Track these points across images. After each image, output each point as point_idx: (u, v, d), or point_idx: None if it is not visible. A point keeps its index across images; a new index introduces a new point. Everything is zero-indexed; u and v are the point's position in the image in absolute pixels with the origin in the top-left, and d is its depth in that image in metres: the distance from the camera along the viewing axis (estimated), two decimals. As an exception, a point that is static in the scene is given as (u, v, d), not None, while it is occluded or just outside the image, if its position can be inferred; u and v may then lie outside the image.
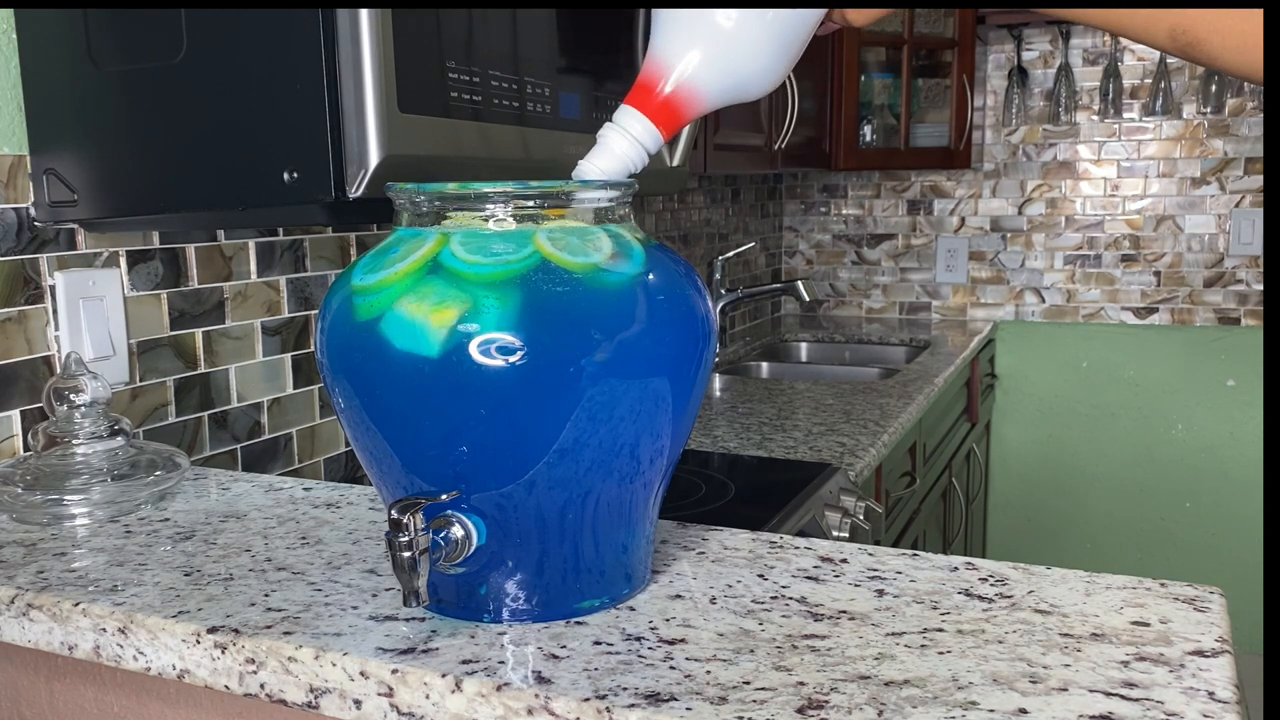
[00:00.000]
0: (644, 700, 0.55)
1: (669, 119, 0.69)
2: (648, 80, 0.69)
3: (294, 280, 1.33)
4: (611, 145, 0.69)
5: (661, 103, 0.69)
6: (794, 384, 2.17)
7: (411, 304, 0.59)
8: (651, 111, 0.69)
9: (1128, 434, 3.02)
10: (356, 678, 0.60)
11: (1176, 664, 0.58)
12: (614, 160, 0.69)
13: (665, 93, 0.68)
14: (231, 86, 0.88)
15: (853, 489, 1.48)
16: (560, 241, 0.61)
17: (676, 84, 0.68)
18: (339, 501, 0.91)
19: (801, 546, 0.77)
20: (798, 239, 3.33)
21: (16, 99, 1.01)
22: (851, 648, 0.61)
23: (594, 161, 0.69)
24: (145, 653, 0.67)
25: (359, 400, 0.62)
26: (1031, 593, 0.68)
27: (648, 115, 0.69)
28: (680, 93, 0.69)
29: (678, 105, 0.69)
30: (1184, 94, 2.88)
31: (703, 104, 0.70)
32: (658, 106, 0.69)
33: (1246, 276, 2.88)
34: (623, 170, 0.69)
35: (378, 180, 0.83)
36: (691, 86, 0.68)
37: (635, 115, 0.69)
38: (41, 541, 0.82)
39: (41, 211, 1.02)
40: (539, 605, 0.65)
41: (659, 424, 0.63)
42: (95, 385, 0.91)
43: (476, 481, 0.61)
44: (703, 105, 0.70)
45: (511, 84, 0.98)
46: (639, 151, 0.69)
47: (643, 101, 0.69)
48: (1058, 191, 3.02)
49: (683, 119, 0.70)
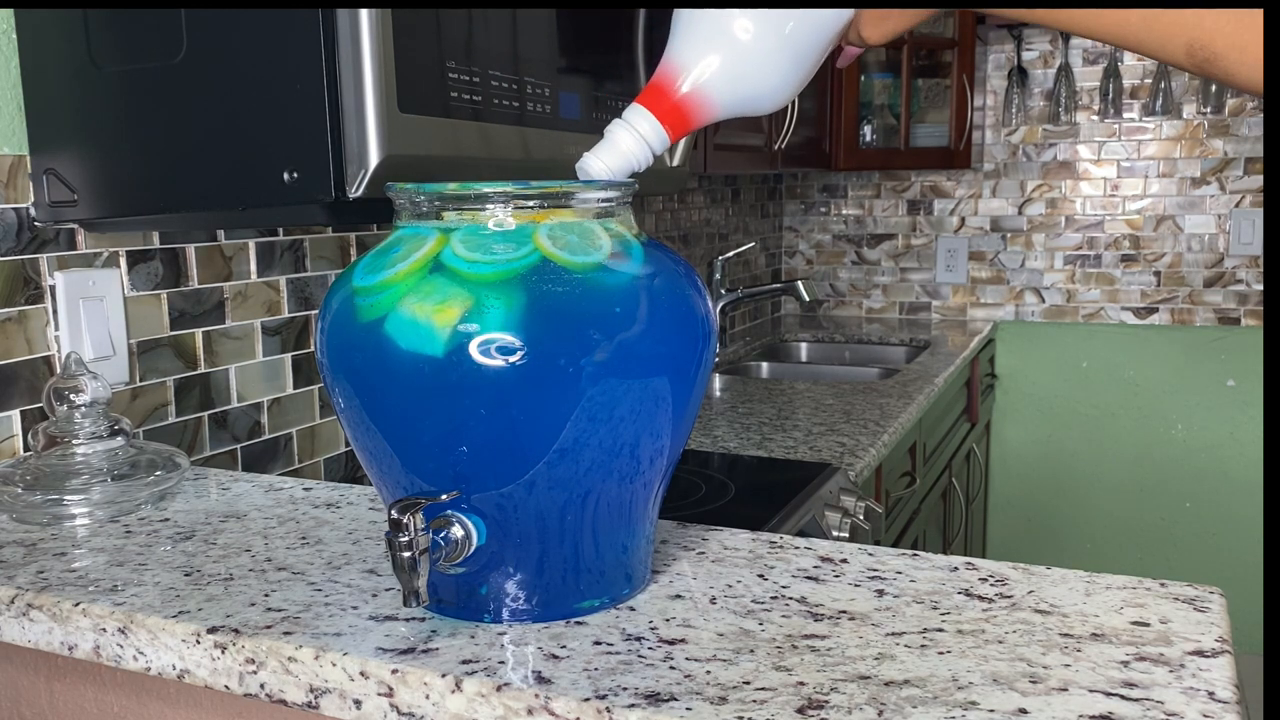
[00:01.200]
0: (644, 700, 0.55)
1: (678, 122, 0.70)
2: (662, 82, 0.69)
3: (294, 280, 1.33)
4: (618, 142, 0.69)
5: (673, 105, 0.69)
6: (794, 384, 2.17)
7: (415, 303, 0.59)
8: (662, 113, 0.69)
9: (1128, 434, 3.02)
10: (356, 678, 0.60)
11: (1176, 664, 0.58)
12: (619, 158, 0.69)
13: (678, 96, 0.69)
14: (231, 86, 0.88)
15: (853, 489, 1.48)
16: (560, 240, 0.61)
17: (690, 89, 0.69)
18: (339, 501, 0.91)
19: (801, 546, 0.77)
20: (798, 239, 3.33)
21: (16, 99, 1.01)
22: (851, 648, 0.61)
23: (599, 157, 0.69)
24: (145, 653, 0.67)
25: (359, 400, 0.62)
26: (1031, 593, 0.68)
27: (658, 116, 0.69)
28: (693, 98, 0.69)
29: (689, 110, 0.69)
30: (1184, 94, 2.88)
31: (713, 112, 0.70)
32: (669, 109, 0.69)
33: (1246, 276, 2.88)
34: (627, 168, 0.69)
35: (378, 180, 0.83)
36: (704, 94, 0.69)
37: (645, 115, 0.69)
38: (41, 541, 0.82)
39: (41, 211, 1.02)
40: (539, 605, 0.65)
41: (659, 424, 0.63)
42: (95, 385, 0.91)
43: (477, 481, 0.61)
44: (713, 113, 0.70)
45: (511, 84, 0.98)
46: (645, 151, 0.69)
47: (655, 102, 0.69)
48: (1058, 191, 3.02)
49: (692, 124, 0.70)
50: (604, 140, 0.70)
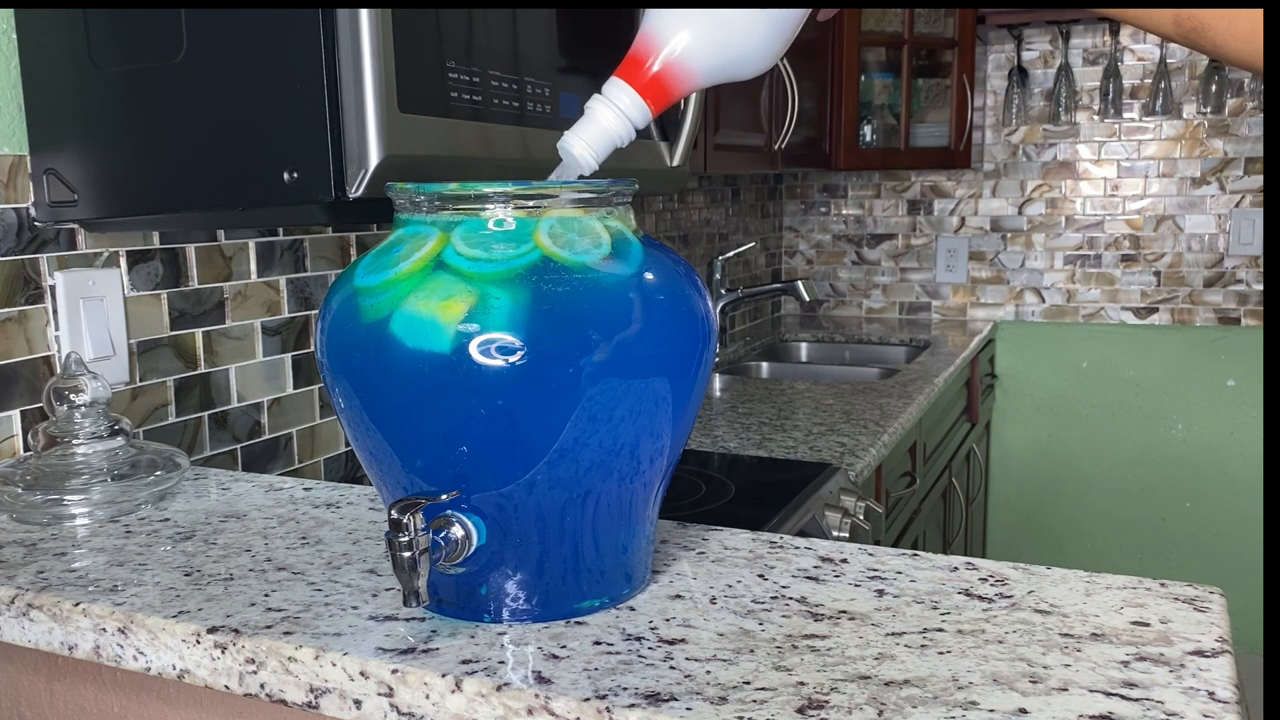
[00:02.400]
0: (644, 700, 0.55)
1: (658, 94, 0.67)
2: (639, 54, 0.67)
3: (294, 280, 1.33)
4: (599, 118, 0.67)
5: (652, 78, 0.67)
6: (794, 384, 2.17)
7: (421, 300, 0.59)
8: (641, 86, 0.67)
9: (1128, 434, 3.02)
10: (356, 678, 0.60)
11: (1176, 664, 0.58)
12: (601, 134, 0.67)
13: (656, 68, 0.67)
14: (231, 86, 0.88)
15: (853, 489, 1.48)
16: (561, 238, 0.61)
17: (668, 59, 0.67)
18: (339, 501, 0.91)
19: (801, 546, 0.77)
20: (798, 239, 3.33)
21: (16, 99, 1.01)
22: (851, 648, 0.61)
23: (580, 135, 0.67)
24: (145, 653, 0.67)
25: (360, 400, 0.62)
26: (1031, 593, 0.68)
27: (637, 89, 0.67)
28: (671, 68, 0.67)
29: (668, 81, 0.67)
30: (1184, 94, 2.88)
31: (694, 80, 0.68)
32: (648, 81, 0.67)
33: (1246, 276, 2.88)
34: (609, 144, 0.68)
35: (378, 180, 0.83)
36: (683, 62, 0.67)
37: (624, 89, 0.67)
38: (41, 541, 0.82)
39: (41, 211, 1.02)
40: (539, 605, 0.65)
41: (659, 424, 0.63)
42: (95, 385, 0.91)
43: (477, 481, 0.61)
44: (694, 82, 0.68)
45: (511, 84, 0.98)
46: (626, 126, 0.67)
47: (633, 75, 0.67)
48: (1058, 191, 3.02)
49: (673, 95, 0.68)
50: (584, 117, 0.68)
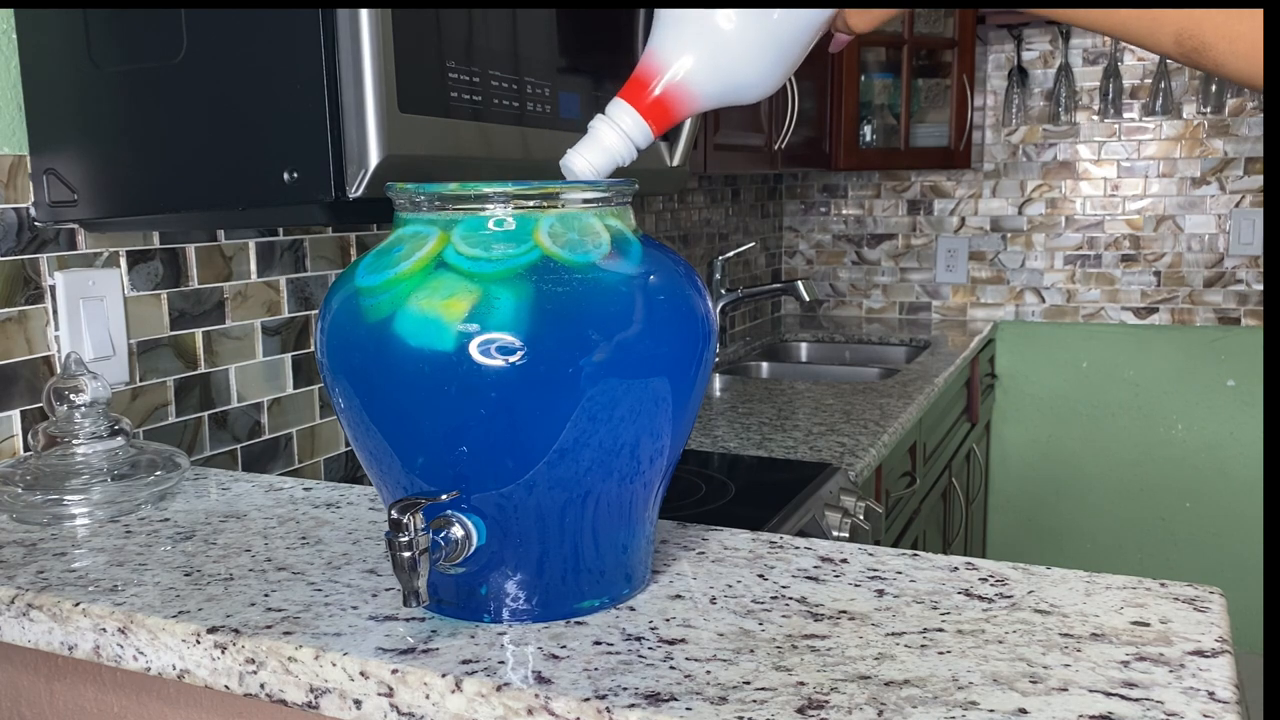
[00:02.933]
0: (644, 700, 0.55)
1: (661, 116, 0.68)
2: (643, 76, 0.68)
3: (294, 280, 1.33)
4: (601, 138, 0.68)
5: (654, 100, 0.68)
6: (794, 384, 2.17)
7: (424, 299, 0.59)
8: (644, 108, 0.68)
9: (1128, 434, 3.02)
10: (356, 678, 0.60)
11: (1176, 664, 0.58)
12: (603, 154, 0.68)
13: (659, 90, 0.68)
14: (231, 86, 0.88)
15: (853, 489, 1.48)
16: (560, 237, 0.61)
17: (671, 82, 0.67)
18: (339, 501, 0.91)
19: (801, 546, 0.77)
20: (798, 239, 3.33)
21: (16, 99, 1.01)
22: (851, 648, 0.61)
23: (582, 153, 0.68)
24: (145, 653, 0.67)
25: (360, 400, 0.62)
26: (1031, 593, 0.68)
27: (640, 111, 0.68)
28: (674, 91, 0.68)
29: (671, 104, 0.68)
30: (1184, 94, 2.88)
31: (696, 104, 0.69)
32: (650, 103, 0.68)
33: (1246, 276, 2.88)
34: (611, 164, 0.68)
35: (378, 180, 0.83)
36: (686, 86, 0.68)
37: (628, 110, 0.68)
38: (41, 541, 0.82)
39: (41, 211, 1.02)
40: (539, 605, 0.65)
41: (659, 424, 0.63)
42: (95, 385, 0.91)
43: (477, 481, 0.61)
44: (696, 105, 0.69)
45: (511, 84, 0.98)
46: (628, 146, 0.68)
47: (636, 96, 0.68)
48: (1058, 191, 3.02)
49: (675, 117, 0.69)
50: (587, 136, 0.68)
